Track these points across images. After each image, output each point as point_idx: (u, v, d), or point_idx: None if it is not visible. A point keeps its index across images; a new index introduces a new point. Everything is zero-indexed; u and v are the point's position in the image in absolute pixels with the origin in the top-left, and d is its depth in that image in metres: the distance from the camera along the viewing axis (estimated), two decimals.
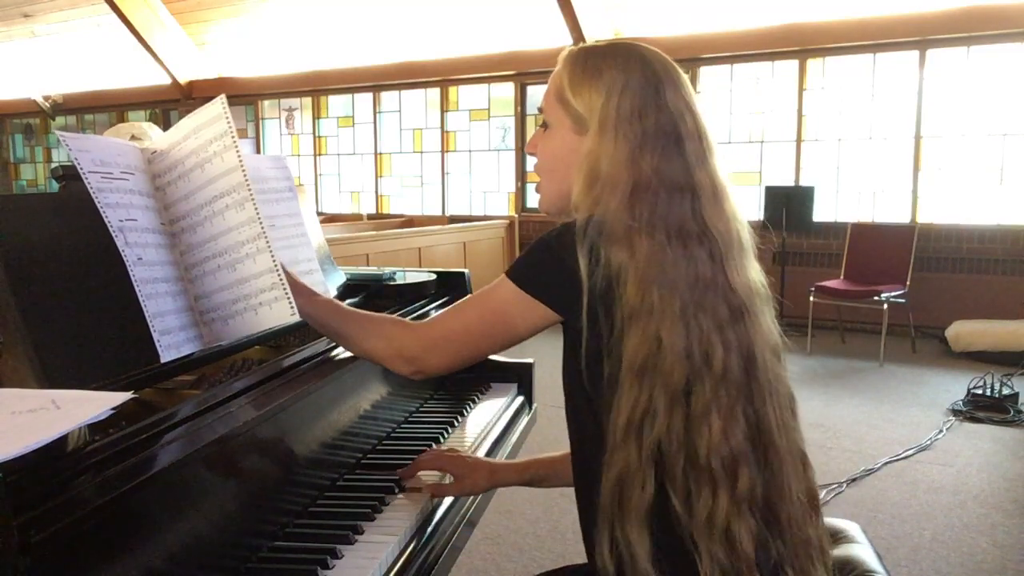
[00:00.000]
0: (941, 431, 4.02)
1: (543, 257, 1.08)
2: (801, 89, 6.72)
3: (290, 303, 1.12)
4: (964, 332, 5.69)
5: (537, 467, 1.41)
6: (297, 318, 1.14)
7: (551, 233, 1.09)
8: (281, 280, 1.12)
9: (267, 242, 1.13)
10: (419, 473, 1.37)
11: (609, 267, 1.02)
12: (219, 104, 1.13)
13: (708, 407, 1.02)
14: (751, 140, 6.97)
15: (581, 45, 1.19)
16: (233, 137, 1.13)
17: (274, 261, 1.13)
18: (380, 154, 9.11)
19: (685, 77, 1.16)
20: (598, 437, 1.06)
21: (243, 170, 1.13)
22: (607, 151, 1.09)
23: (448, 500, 1.33)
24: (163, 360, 1.07)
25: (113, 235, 1.04)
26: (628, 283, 1.02)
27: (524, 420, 1.88)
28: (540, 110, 1.22)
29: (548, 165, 1.21)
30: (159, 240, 1.14)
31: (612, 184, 1.07)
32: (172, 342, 1.10)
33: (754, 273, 1.12)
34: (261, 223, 1.13)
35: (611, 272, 1.02)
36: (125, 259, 1.04)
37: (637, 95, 1.10)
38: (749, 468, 1.03)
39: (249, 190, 1.13)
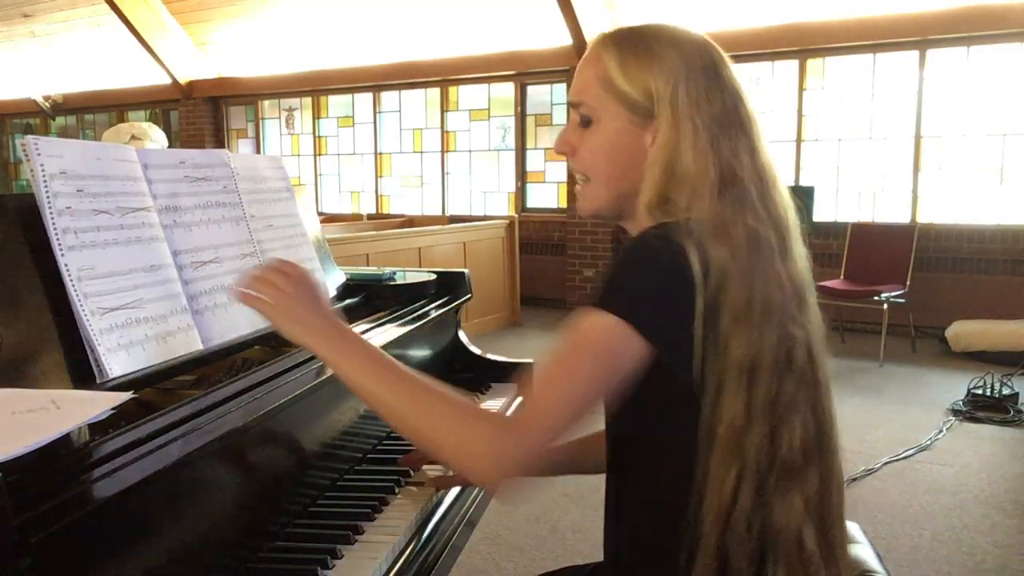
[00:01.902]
0: (941, 431, 4.02)
1: (648, 274, 0.94)
2: (801, 89, 6.72)
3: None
4: (964, 332, 5.69)
5: None
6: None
7: (645, 244, 0.96)
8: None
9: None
10: (423, 467, 1.38)
11: (717, 269, 0.94)
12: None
13: (789, 407, 0.97)
14: None
15: (617, 27, 1.07)
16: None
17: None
18: (380, 154, 9.11)
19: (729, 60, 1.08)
20: (671, 449, 0.99)
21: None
22: (687, 141, 0.99)
23: (448, 500, 1.33)
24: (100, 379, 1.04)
25: (56, 249, 1.04)
26: (731, 283, 0.94)
27: None
28: (572, 104, 1.08)
29: (599, 164, 1.07)
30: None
31: (700, 177, 0.98)
32: (128, 356, 1.10)
33: (803, 260, 1.04)
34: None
35: (717, 273, 0.94)
36: (66, 275, 1.04)
37: (701, 77, 1.02)
38: (815, 466, 1.00)
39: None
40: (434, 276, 1.95)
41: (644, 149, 1.03)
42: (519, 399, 0.96)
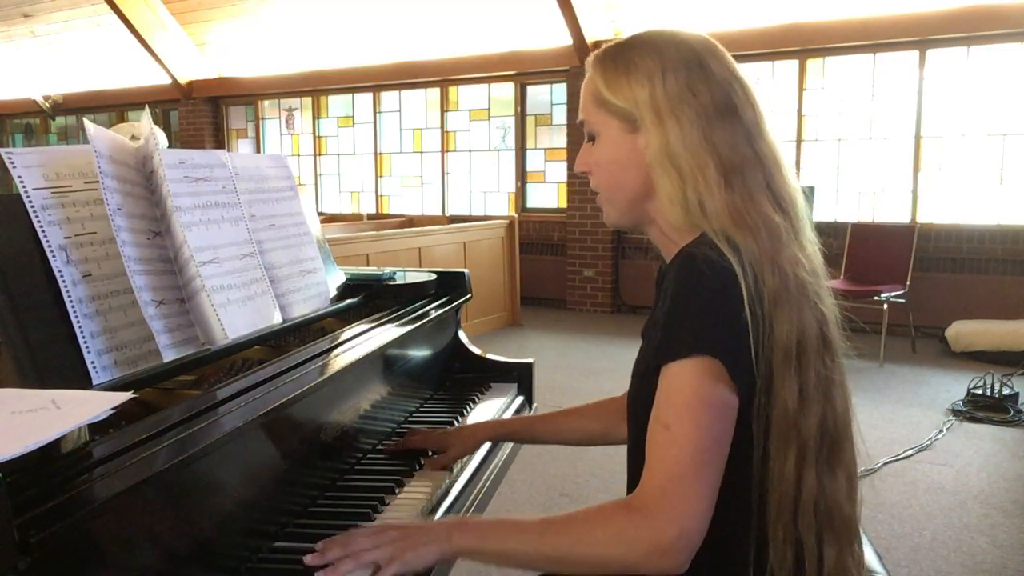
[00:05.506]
0: (941, 431, 4.02)
1: (709, 300, 0.95)
2: (801, 89, 6.72)
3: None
4: (964, 332, 5.69)
5: (516, 424, 1.53)
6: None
7: (693, 269, 0.96)
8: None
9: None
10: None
11: (748, 257, 0.96)
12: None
13: (831, 383, 1.01)
14: None
15: (605, 45, 1.11)
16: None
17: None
18: (380, 154, 9.11)
19: (724, 50, 1.09)
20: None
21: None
22: (675, 137, 1.01)
23: (448, 500, 1.33)
24: (95, 381, 1.05)
25: (49, 256, 1.05)
26: (764, 268, 0.97)
27: None
28: (581, 123, 1.13)
29: (607, 177, 1.11)
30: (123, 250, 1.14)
31: (700, 170, 1.00)
32: (126, 357, 1.11)
33: (813, 244, 1.07)
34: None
35: (750, 261, 0.96)
36: (60, 280, 1.05)
37: (681, 73, 1.03)
38: (849, 440, 1.03)
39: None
40: (434, 276, 1.95)
41: (639, 155, 1.06)
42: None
